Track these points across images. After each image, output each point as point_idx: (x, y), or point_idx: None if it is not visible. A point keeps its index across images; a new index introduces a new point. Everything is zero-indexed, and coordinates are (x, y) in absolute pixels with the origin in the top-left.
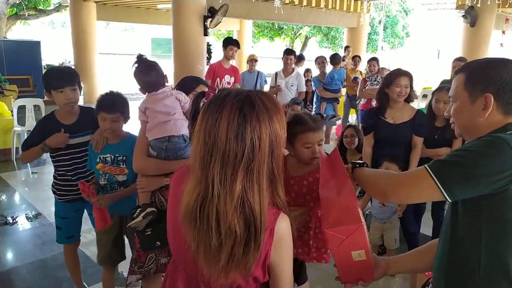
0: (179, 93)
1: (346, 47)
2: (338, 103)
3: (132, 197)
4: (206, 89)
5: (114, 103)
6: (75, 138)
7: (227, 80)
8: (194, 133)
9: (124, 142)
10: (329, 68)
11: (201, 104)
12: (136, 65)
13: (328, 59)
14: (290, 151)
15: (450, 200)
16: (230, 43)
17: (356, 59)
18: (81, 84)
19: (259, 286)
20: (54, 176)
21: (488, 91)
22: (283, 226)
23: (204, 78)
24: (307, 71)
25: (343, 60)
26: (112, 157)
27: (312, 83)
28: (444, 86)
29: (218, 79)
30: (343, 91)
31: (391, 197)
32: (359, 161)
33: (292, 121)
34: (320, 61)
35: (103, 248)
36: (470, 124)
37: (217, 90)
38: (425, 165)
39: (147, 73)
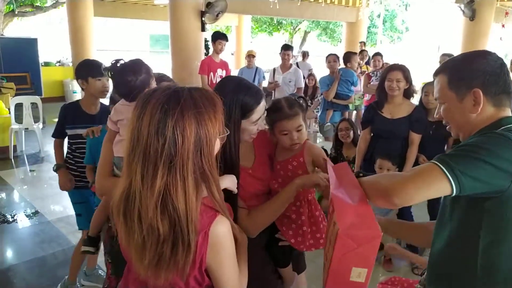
0: None
1: (361, 51)
2: (348, 110)
3: None
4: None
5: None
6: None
7: (220, 74)
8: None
9: None
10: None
11: None
12: (111, 71)
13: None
14: (272, 138)
15: (456, 193)
16: (218, 37)
17: (363, 53)
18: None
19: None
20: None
21: (475, 86)
22: (221, 229)
23: (199, 74)
24: (310, 75)
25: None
26: None
27: (319, 85)
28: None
29: (212, 73)
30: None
31: (396, 196)
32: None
33: (269, 108)
34: (332, 59)
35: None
36: (463, 122)
37: None
38: (431, 160)
39: (117, 85)
